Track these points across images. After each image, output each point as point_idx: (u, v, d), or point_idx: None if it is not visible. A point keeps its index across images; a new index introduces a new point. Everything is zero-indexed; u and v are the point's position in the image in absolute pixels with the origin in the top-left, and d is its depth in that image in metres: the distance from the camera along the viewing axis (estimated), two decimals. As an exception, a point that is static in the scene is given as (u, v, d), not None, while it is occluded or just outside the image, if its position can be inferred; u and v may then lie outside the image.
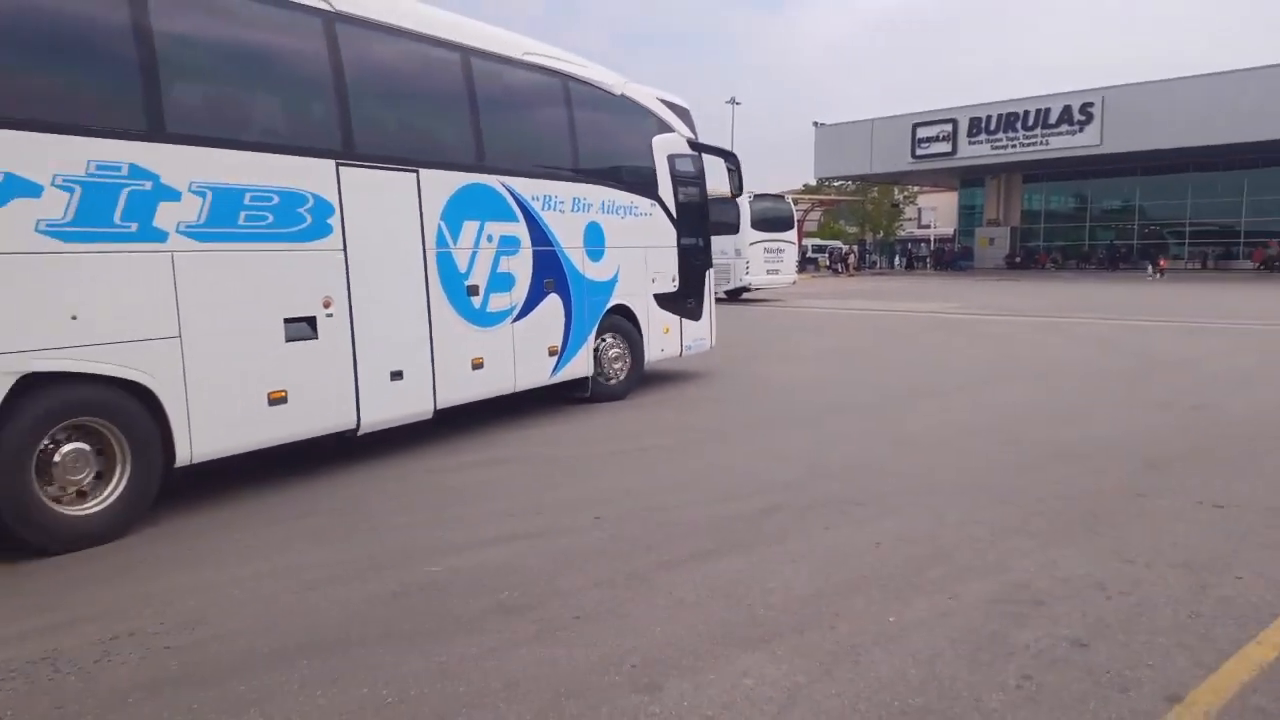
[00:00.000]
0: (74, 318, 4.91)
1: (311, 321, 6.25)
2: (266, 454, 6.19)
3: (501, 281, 8.04)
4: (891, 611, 3.93)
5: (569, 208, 8.86)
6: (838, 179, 56.80)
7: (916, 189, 62.41)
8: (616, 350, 9.79)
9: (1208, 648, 3.52)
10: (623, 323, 9.86)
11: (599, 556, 4.71)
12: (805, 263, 39.44)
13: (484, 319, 7.87)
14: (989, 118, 41.35)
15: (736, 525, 5.22)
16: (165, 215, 5.34)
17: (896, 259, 57.54)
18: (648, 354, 10.18)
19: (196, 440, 5.57)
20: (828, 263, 50.39)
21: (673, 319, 10.59)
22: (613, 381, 9.74)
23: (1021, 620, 3.82)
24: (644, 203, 10.01)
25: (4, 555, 4.83)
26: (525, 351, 8.35)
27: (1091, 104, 38.01)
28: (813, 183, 58.91)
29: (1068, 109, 38.68)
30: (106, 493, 5.18)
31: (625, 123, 9.95)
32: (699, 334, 11.13)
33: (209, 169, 5.59)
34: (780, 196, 30.13)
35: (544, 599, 4.13)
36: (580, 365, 9.14)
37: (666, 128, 10.42)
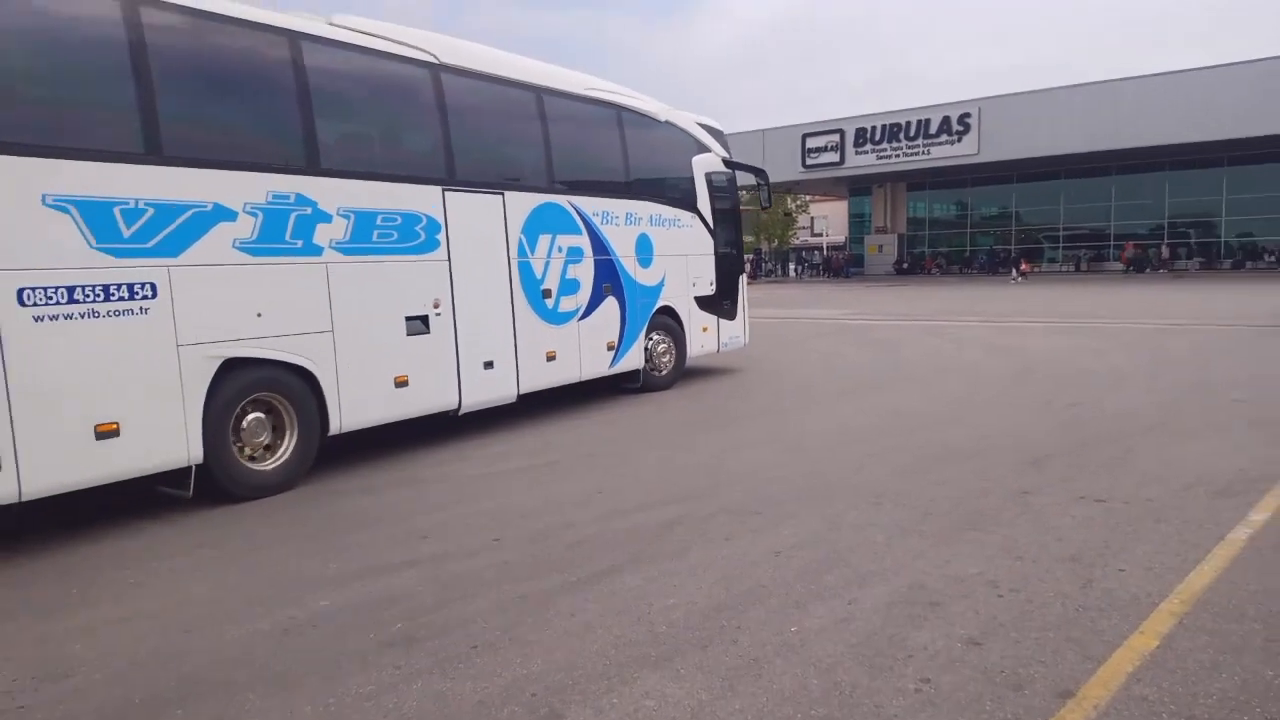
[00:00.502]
0: (259, 315, 6.34)
1: (425, 319, 7.70)
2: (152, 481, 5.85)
3: (569, 286, 9.42)
4: (792, 621, 3.93)
5: (623, 221, 10.24)
6: (732, 189, 57.60)
7: (808, 198, 63.98)
8: (664, 346, 11.14)
9: (1095, 641, 3.63)
10: (669, 322, 11.20)
11: (499, 580, 4.57)
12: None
13: (556, 318, 9.25)
14: (874, 128, 42.71)
15: (639, 539, 5.16)
16: (321, 234, 6.81)
17: (791, 267, 58.79)
18: (690, 350, 11.58)
19: (345, 414, 7.01)
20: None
21: (710, 319, 11.96)
22: (662, 373, 11.11)
23: (918, 622, 3.87)
24: (686, 215, 11.37)
25: None
26: (589, 346, 9.74)
27: (969, 114, 39.69)
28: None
29: (947, 119, 40.28)
30: (280, 453, 6.64)
31: (669, 145, 11.27)
32: (734, 332, 12.52)
33: (351, 196, 7.06)
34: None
35: (441, 629, 3.98)
36: (633, 359, 10.54)
37: (704, 148, 11.77)
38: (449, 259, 7.89)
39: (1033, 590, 4.18)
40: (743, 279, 12.68)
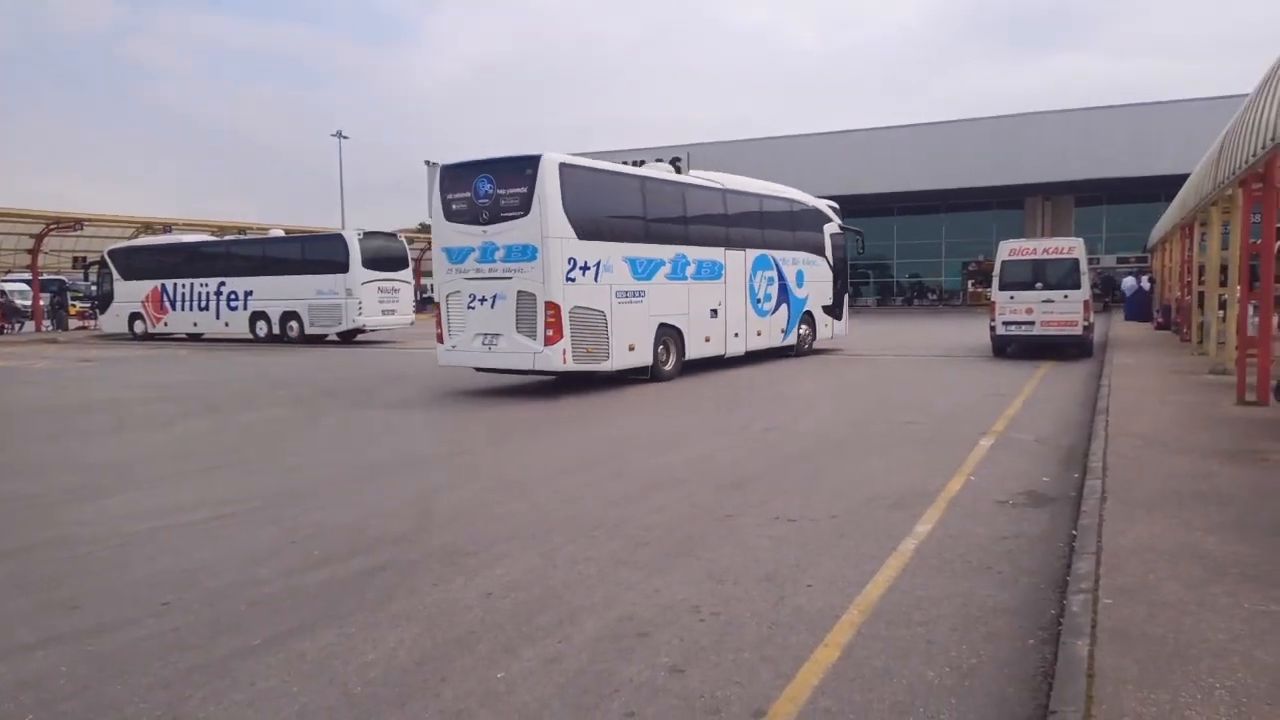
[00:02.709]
0: (668, 305, 14.66)
1: (715, 311, 15.84)
2: None
3: (767, 297, 17.59)
4: (500, 667, 3.76)
5: (790, 263, 18.40)
6: (455, 219, 56.98)
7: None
8: (807, 332, 19.28)
9: (786, 657, 3.79)
10: (809, 319, 19.38)
11: (164, 652, 3.98)
12: (425, 302, 38.58)
13: (762, 314, 17.38)
14: (594, 166, 44.21)
15: (335, 592, 4.76)
16: (688, 271, 15.15)
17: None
18: (819, 335, 19.82)
19: (689, 350, 15.11)
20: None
21: (828, 319, 20.22)
22: (805, 346, 19.17)
23: (626, 655, 3.85)
24: (819, 259, 19.75)
25: None
26: (773, 329, 17.94)
27: (679, 159, 41.95)
28: (428, 222, 58.56)
29: (660, 160, 42.53)
30: (670, 363, 14.72)
31: (812, 219, 19.80)
32: (841, 329, 20.88)
33: (697, 254, 15.38)
34: (393, 235, 29.58)
35: (84, 716, 3.38)
36: (792, 339, 18.70)
37: (829, 219, 20.31)
38: (725, 283, 16.00)
39: (732, 612, 4.32)
40: (846, 296, 21.17)
